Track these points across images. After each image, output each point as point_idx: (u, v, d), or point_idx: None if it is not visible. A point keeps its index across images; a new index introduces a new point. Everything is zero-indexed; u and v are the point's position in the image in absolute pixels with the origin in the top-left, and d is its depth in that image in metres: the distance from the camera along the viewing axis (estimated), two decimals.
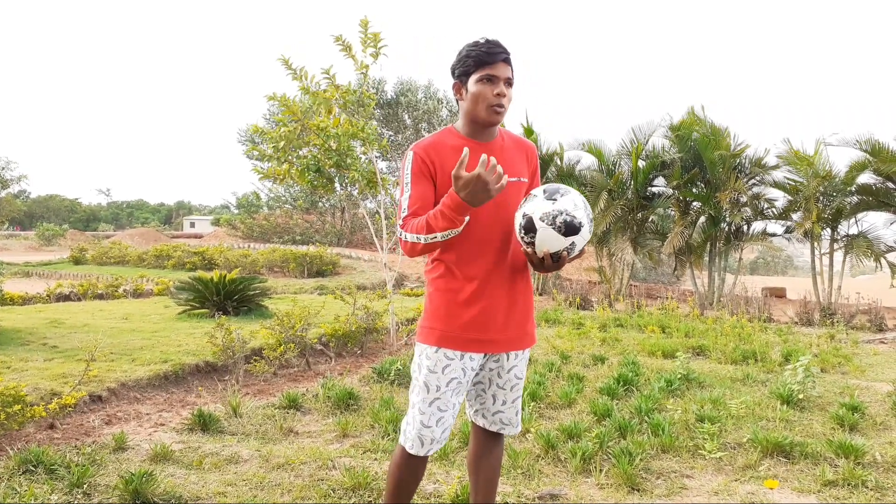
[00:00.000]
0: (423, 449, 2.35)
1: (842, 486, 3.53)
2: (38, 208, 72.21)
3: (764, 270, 47.50)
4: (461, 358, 2.33)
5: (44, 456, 3.49)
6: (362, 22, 7.14)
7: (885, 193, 13.20)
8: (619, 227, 15.12)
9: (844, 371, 6.92)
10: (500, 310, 2.35)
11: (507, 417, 2.51)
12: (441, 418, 2.34)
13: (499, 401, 2.48)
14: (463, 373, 2.35)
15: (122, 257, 25.59)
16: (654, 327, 9.45)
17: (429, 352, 2.35)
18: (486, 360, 2.43)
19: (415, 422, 2.36)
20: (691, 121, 14.59)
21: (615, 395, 5.34)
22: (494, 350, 2.38)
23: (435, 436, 2.35)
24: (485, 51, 2.27)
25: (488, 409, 2.50)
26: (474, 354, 2.35)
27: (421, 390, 2.35)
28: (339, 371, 6.40)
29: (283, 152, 7.01)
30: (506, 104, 2.30)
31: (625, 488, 3.47)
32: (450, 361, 2.33)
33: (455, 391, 2.35)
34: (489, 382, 2.46)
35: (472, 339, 2.33)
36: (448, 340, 2.32)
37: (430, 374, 2.34)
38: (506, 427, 2.52)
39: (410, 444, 2.36)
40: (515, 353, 2.44)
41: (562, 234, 2.14)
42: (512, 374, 2.46)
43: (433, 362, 2.33)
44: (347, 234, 34.03)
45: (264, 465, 3.71)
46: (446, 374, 2.33)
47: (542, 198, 2.17)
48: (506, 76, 2.30)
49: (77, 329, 7.60)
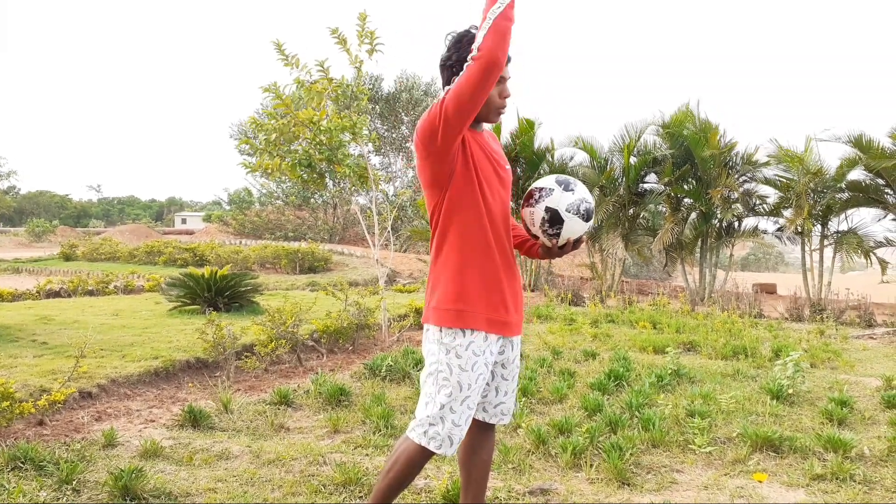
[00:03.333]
0: (451, 448, 2.30)
1: (830, 479, 3.56)
2: (28, 204, 71.70)
3: (755, 267, 47.68)
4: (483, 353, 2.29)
5: (33, 452, 3.47)
6: (361, 15, 7.10)
7: (875, 190, 13.28)
8: (611, 224, 15.15)
9: (834, 366, 6.96)
10: (510, 292, 2.37)
11: (507, 407, 2.51)
12: (469, 416, 2.33)
13: (501, 392, 2.48)
14: (486, 367, 2.32)
15: (112, 254, 25.43)
16: (646, 323, 9.49)
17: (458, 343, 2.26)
18: (501, 348, 2.42)
19: (445, 421, 2.28)
20: (682, 118, 14.62)
21: (606, 390, 5.36)
22: (510, 333, 2.38)
23: (463, 434, 2.33)
24: None
25: (490, 402, 2.48)
26: (494, 344, 2.34)
27: (453, 389, 2.27)
28: (330, 367, 6.40)
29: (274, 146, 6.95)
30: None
31: (615, 483, 3.48)
32: (477, 357, 2.28)
33: (481, 388, 2.34)
34: (494, 375, 2.45)
35: (496, 320, 2.32)
36: (477, 321, 2.27)
37: (461, 372, 2.27)
38: (505, 416, 2.51)
39: (438, 445, 2.29)
40: (519, 340, 2.47)
41: (585, 220, 2.33)
42: (515, 363, 2.48)
43: (463, 359, 2.27)
44: (340, 230, 33.98)
45: (255, 461, 3.70)
46: (475, 371, 2.29)
47: (560, 190, 2.32)
48: (510, 76, 2.30)
49: (67, 325, 7.56)
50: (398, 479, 2.37)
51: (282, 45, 7.23)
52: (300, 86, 7.33)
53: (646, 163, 14.94)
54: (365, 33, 7.17)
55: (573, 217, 2.31)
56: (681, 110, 14.84)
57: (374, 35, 7.17)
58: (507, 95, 2.30)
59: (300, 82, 7.28)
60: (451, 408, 2.28)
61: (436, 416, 2.29)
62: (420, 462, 2.35)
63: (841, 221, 13.92)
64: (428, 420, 2.31)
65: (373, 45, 7.21)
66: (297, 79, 7.28)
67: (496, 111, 2.31)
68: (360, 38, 7.24)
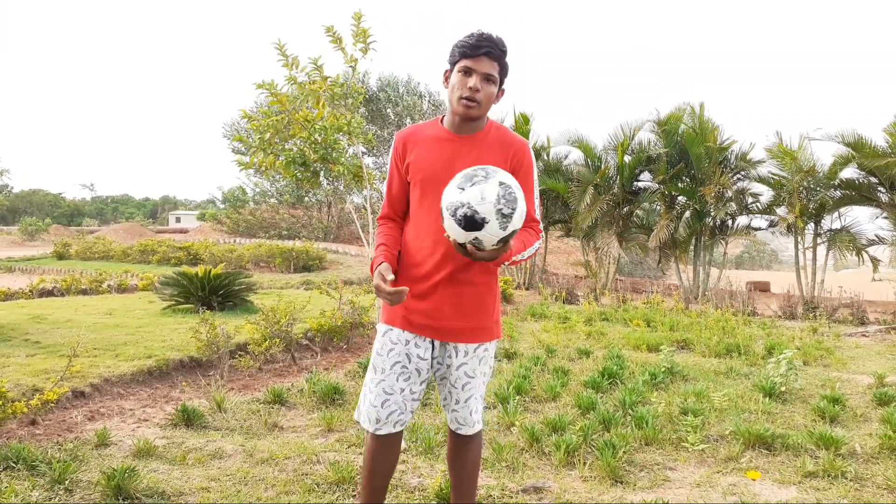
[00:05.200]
0: (374, 426, 2.40)
1: (822, 477, 3.57)
2: (21, 203, 71.31)
3: (749, 265, 47.81)
4: (406, 343, 2.38)
5: (25, 452, 3.46)
6: (355, 15, 7.08)
7: (868, 188, 13.34)
8: (605, 222, 15.19)
9: (826, 364, 6.99)
10: (449, 298, 2.36)
11: (461, 417, 2.48)
12: (386, 401, 2.38)
13: (453, 399, 2.48)
14: (408, 358, 2.38)
15: (106, 252, 25.35)
16: (640, 321, 9.51)
17: (379, 332, 2.44)
18: (440, 353, 2.44)
19: (365, 400, 2.44)
20: (679, 115, 14.66)
21: (600, 388, 5.37)
22: (439, 337, 2.40)
23: (381, 416, 2.38)
24: (471, 42, 2.28)
25: (449, 406, 2.50)
26: (420, 341, 2.39)
27: (370, 371, 2.45)
28: (324, 366, 6.39)
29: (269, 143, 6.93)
30: (480, 99, 2.29)
31: (608, 481, 3.49)
32: (393, 345, 2.39)
33: (401, 375, 2.39)
34: (447, 378, 2.47)
35: (415, 321, 2.38)
36: (394, 318, 2.40)
37: (377, 356, 2.42)
38: (461, 427, 2.49)
39: (365, 421, 2.43)
40: (465, 349, 2.42)
41: (462, 227, 2.03)
42: (461, 372, 2.43)
43: (380, 344, 2.42)
44: (334, 228, 33.92)
45: (248, 459, 3.70)
46: (390, 357, 2.39)
47: (454, 185, 2.08)
48: (485, 71, 2.28)
49: (60, 324, 7.53)
50: (364, 465, 2.49)
51: (283, 46, 7.21)
52: (295, 83, 7.30)
53: (640, 161, 14.98)
54: (359, 32, 7.15)
55: (449, 219, 2.06)
56: (678, 107, 14.89)
57: (367, 33, 7.16)
58: (473, 86, 2.26)
59: (293, 79, 7.25)
60: (370, 388, 2.43)
61: (362, 394, 2.48)
62: (371, 445, 2.45)
63: (834, 219, 13.99)
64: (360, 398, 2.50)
65: (367, 43, 7.20)
66: (292, 76, 7.25)
67: (460, 101, 2.29)
68: (355, 37, 7.23)
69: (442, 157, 2.36)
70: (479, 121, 2.39)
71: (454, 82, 2.30)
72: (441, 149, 2.37)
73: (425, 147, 2.39)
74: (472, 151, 2.36)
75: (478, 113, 2.32)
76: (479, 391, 2.48)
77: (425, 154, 2.38)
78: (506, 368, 6.18)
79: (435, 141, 2.40)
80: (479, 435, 2.57)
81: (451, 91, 2.32)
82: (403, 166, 2.43)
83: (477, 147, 2.38)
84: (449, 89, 2.34)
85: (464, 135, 2.39)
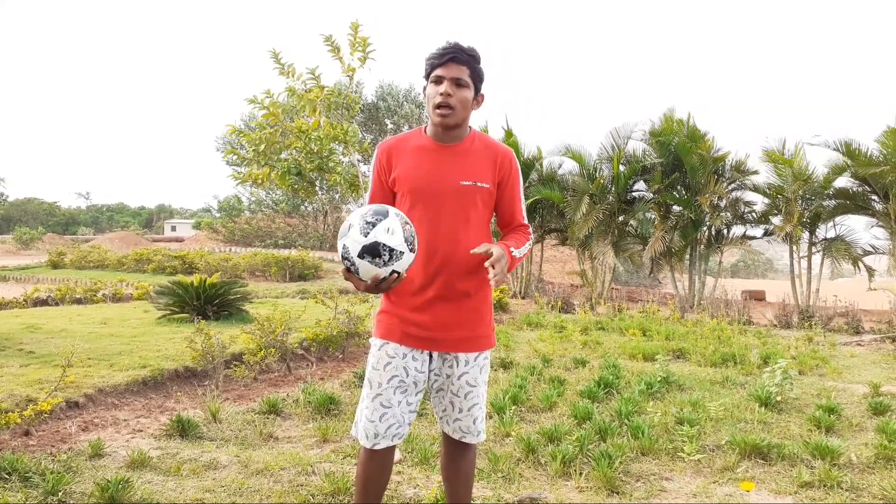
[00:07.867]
0: (368, 441, 2.38)
1: (818, 487, 3.57)
2: (16, 212, 71.04)
3: (745, 273, 47.94)
4: (403, 357, 2.37)
5: (18, 463, 3.44)
6: (353, 25, 7.09)
7: (862, 197, 13.39)
8: (601, 231, 15.21)
9: (822, 373, 7.00)
10: (446, 309, 2.37)
11: (465, 426, 2.49)
12: (384, 414, 2.37)
13: (455, 408, 2.47)
14: (406, 371, 2.37)
15: (101, 261, 25.25)
16: (635, 330, 9.51)
17: (374, 347, 2.43)
18: (438, 364, 2.44)
19: (362, 416, 2.41)
20: (670, 128, 14.71)
21: (596, 398, 5.36)
22: (439, 349, 2.39)
23: (379, 430, 2.37)
24: (438, 52, 2.33)
25: (449, 416, 2.49)
26: (417, 354, 2.38)
27: (366, 386, 2.42)
28: (320, 376, 6.38)
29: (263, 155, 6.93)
30: (454, 104, 2.31)
31: (604, 491, 3.48)
32: (390, 359, 2.37)
33: (398, 388, 2.37)
34: (446, 389, 2.46)
35: (412, 334, 2.37)
36: (391, 333, 2.38)
37: (372, 370, 2.40)
38: (466, 436, 2.50)
39: (363, 437, 2.40)
40: (466, 359, 2.43)
41: (382, 265, 2.10)
42: (463, 381, 2.44)
43: (376, 359, 2.40)
44: (330, 237, 33.88)
45: (243, 470, 3.68)
46: (387, 371, 2.37)
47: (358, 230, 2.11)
48: (453, 76, 2.30)
49: (54, 334, 7.49)
50: (357, 478, 2.47)
51: (279, 55, 7.21)
52: (291, 94, 7.30)
53: (635, 171, 15.03)
54: (357, 42, 7.16)
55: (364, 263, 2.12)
56: (668, 117, 14.94)
57: (366, 42, 7.17)
58: (444, 92, 2.29)
59: (292, 90, 7.25)
60: (366, 403, 2.41)
61: (358, 410, 2.46)
62: (364, 460, 2.43)
63: (829, 228, 14.04)
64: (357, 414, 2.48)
65: (365, 52, 7.21)
66: (290, 87, 7.25)
67: (434, 110, 2.32)
68: (353, 46, 7.24)
69: (430, 166, 2.38)
70: (461, 129, 2.41)
71: (428, 93, 2.35)
72: (429, 158, 2.39)
73: (411, 158, 2.40)
74: (460, 159, 2.39)
75: (454, 120, 2.34)
76: (481, 399, 2.50)
77: (412, 165, 2.39)
78: (502, 378, 6.17)
79: (421, 151, 2.41)
80: (474, 444, 2.58)
81: (427, 103, 2.37)
82: (389, 178, 2.43)
83: (463, 155, 2.40)
84: (426, 102, 2.38)
85: (447, 144, 2.41)
